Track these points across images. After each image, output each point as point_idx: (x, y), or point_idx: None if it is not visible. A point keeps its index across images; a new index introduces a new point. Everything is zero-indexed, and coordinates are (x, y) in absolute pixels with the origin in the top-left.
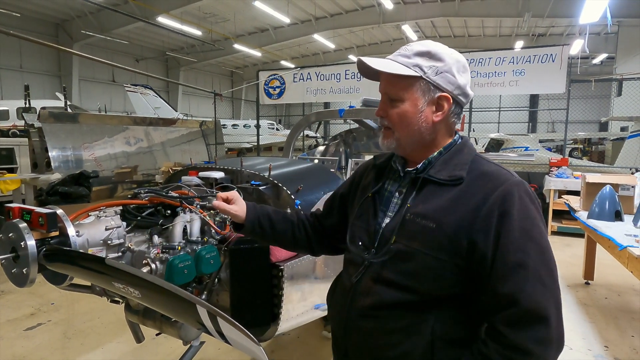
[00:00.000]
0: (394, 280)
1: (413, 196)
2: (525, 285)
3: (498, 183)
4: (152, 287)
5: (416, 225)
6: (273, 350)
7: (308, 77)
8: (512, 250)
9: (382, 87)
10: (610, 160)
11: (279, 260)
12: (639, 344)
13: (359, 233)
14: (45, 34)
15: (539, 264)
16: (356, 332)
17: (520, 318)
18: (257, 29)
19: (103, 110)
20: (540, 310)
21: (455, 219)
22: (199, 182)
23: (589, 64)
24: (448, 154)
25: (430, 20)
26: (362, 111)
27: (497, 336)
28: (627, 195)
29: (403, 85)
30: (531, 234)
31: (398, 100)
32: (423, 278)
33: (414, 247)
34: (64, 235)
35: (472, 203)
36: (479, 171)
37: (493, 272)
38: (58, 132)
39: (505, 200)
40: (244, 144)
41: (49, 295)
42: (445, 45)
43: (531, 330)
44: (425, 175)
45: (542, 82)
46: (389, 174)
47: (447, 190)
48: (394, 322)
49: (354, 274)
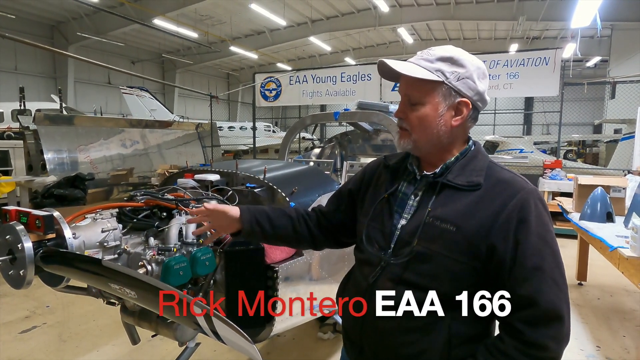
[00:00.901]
0: (414, 281)
1: (433, 200)
2: (542, 287)
3: (515, 191)
4: (148, 288)
5: (436, 228)
6: (269, 352)
7: (304, 79)
8: (530, 255)
9: (402, 89)
10: (604, 162)
11: (273, 262)
12: (631, 343)
13: (374, 234)
14: (40, 35)
15: (554, 267)
16: (374, 331)
17: (539, 317)
18: (253, 31)
19: (99, 113)
20: (556, 310)
21: (474, 224)
22: (195, 185)
23: (582, 66)
24: (464, 159)
25: (426, 23)
26: (357, 114)
27: (516, 333)
28: (618, 197)
29: (425, 89)
30: (546, 239)
31: (419, 104)
32: (442, 279)
33: (433, 250)
34: (61, 238)
35: (491, 209)
36: (495, 178)
37: (512, 275)
38: (53, 135)
39: (523, 208)
40: (240, 146)
41: (44, 298)
42: (466, 51)
43: (548, 329)
44: (443, 180)
45: (536, 85)
46: (404, 176)
47: (465, 195)
48: (413, 322)
49: (370, 274)
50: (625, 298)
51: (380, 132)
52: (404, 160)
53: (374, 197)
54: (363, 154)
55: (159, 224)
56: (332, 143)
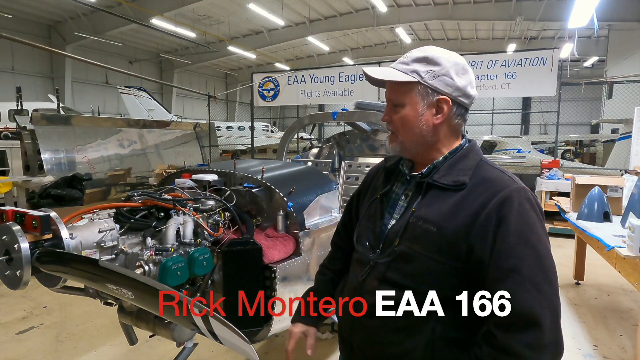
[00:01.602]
0: (397, 281)
1: (419, 200)
2: (517, 290)
3: (498, 189)
4: (145, 288)
5: (418, 228)
6: (267, 352)
7: (302, 79)
8: (506, 255)
9: (386, 94)
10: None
11: (271, 262)
12: (628, 342)
13: (365, 233)
14: (37, 35)
15: (535, 270)
16: (361, 329)
17: (512, 322)
18: (251, 31)
19: (96, 113)
20: (532, 316)
21: (455, 224)
22: (192, 185)
23: (579, 67)
24: (453, 158)
25: (424, 23)
26: (355, 114)
27: (490, 338)
28: (616, 196)
29: (403, 91)
30: (528, 240)
31: (399, 106)
32: (424, 280)
33: (415, 250)
34: (58, 238)
35: (472, 208)
36: (481, 177)
37: (488, 276)
38: (50, 135)
39: (504, 206)
40: (239, 146)
41: (42, 298)
42: (445, 49)
43: (522, 334)
44: (429, 180)
45: (534, 85)
46: (397, 177)
47: (450, 195)
48: (396, 321)
49: (360, 273)
50: (623, 297)
51: (378, 132)
52: (399, 161)
53: (369, 199)
54: (361, 154)
55: (157, 224)
56: (330, 143)
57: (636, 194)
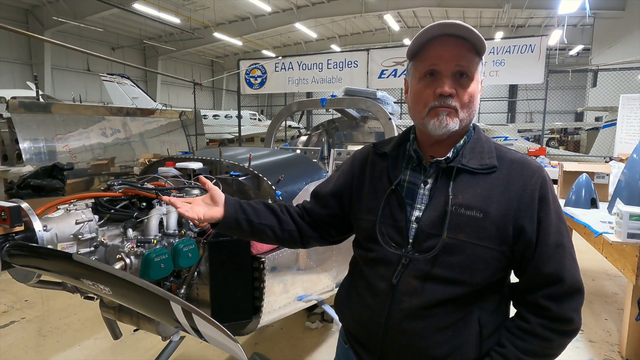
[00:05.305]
0: (444, 276)
1: (450, 187)
2: (565, 263)
3: (532, 171)
4: (123, 284)
5: (461, 216)
6: (256, 343)
7: (290, 66)
8: (552, 232)
9: (451, 60)
10: (585, 150)
11: (259, 253)
12: (612, 326)
13: (386, 230)
14: (14, 20)
15: (569, 242)
16: (401, 335)
17: (564, 292)
18: (237, 17)
19: (78, 101)
20: (578, 283)
21: (499, 207)
22: (176, 173)
23: (565, 55)
24: (471, 141)
25: (412, 11)
26: (344, 100)
27: (541, 311)
28: (602, 183)
29: (476, 62)
30: (561, 216)
31: (469, 78)
32: (474, 269)
33: (460, 239)
34: (30, 230)
35: (513, 191)
36: (507, 159)
37: (537, 254)
38: (29, 123)
39: (542, 187)
40: (226, 135)
41: (23, 292)
42: None
43: (572, 302)
44: (458, 164)
45: (522, 73)
46: (404, 163)
47: (481, 179)
48: (445, 319)
49: (392, 275)
50: (607, 282)
51: (367, 119)
52: (399, 146)
53: (375, 190)
54: (350, 142)
55: (138, 214)
56: (318, 130)
57: (623, 181)
